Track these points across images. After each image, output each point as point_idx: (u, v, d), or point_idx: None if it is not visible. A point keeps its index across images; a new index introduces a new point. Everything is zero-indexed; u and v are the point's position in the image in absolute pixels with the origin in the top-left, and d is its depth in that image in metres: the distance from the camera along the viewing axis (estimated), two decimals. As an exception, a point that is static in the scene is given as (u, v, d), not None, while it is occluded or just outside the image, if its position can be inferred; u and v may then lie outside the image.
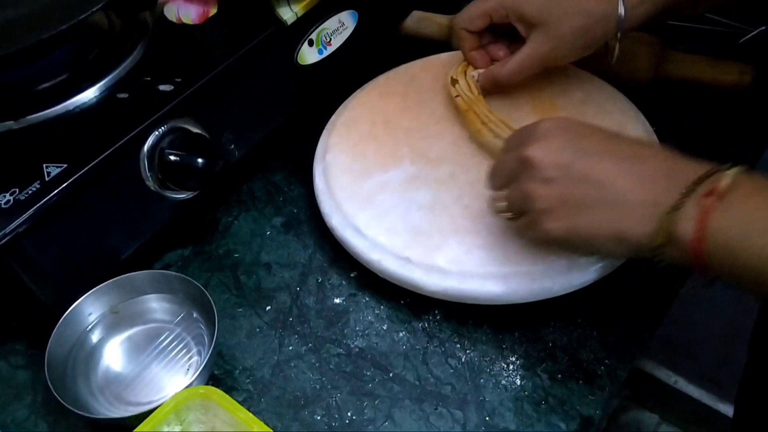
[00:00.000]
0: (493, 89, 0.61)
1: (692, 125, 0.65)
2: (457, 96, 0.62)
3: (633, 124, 0.60)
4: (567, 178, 0.43)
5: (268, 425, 0.45)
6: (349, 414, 0.49)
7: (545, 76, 0.62)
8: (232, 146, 0.60)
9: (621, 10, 0.55)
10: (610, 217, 0.42)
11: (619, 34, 0.56)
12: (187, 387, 0.47)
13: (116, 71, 0.56)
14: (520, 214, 0.47)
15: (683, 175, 0.40)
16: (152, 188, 0.54)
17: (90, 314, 0.53)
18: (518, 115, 0.61)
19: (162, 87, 0.55)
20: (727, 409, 1.24)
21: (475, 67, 0.63)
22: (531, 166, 0.45)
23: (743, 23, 0.74)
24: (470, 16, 0.61)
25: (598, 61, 0.61)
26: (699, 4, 0.63)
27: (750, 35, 0.74)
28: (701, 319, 1.17)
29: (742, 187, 0.39)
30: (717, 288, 0.42)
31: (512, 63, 0.59)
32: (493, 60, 0.63)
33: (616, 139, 0.45)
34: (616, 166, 0.42)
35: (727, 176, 0.39)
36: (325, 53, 0.66)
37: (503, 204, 0.49)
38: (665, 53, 0.68)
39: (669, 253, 0.40)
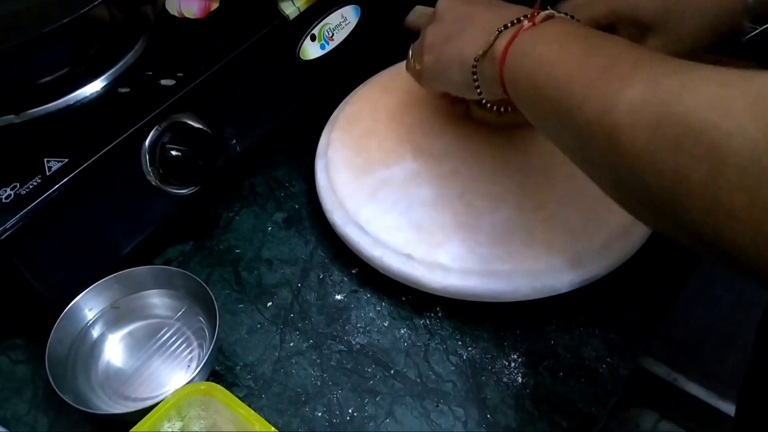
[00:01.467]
0: None
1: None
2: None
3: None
4: (451, 18, 0.50)
5: (269, 421, 0.44)
6: (350, 411, 0.49)
7: None
8: (234, 141, 0.60)
9: None
10: (463, 42, 0.48)
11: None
12: (188, 383, 0.47)
13: (118, 65, 0.56)
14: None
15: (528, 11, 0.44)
16: (153, 183, 0.54)
17: (90, 309, 0.53)
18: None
19: (164, 82, 0.54)
20: (727, 407, 1.24)
21: None
22: (434, 18, 0.51)
23: (747, 21, 0.74)
24: None
25: None
26: None
27: (754, 33, 0.73)
28: (701, 317, 1.17)
29: (560, 25, 0.42)
30: (718, 286, 0.42)
31: None
32: None
33: None
34: (486, 7, 0.48)
35: (554, 14, 0.43)
36: (328, 48, 0.66)
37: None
38: (669, 50, 0.68)
39: (484, 69, 0.45)
